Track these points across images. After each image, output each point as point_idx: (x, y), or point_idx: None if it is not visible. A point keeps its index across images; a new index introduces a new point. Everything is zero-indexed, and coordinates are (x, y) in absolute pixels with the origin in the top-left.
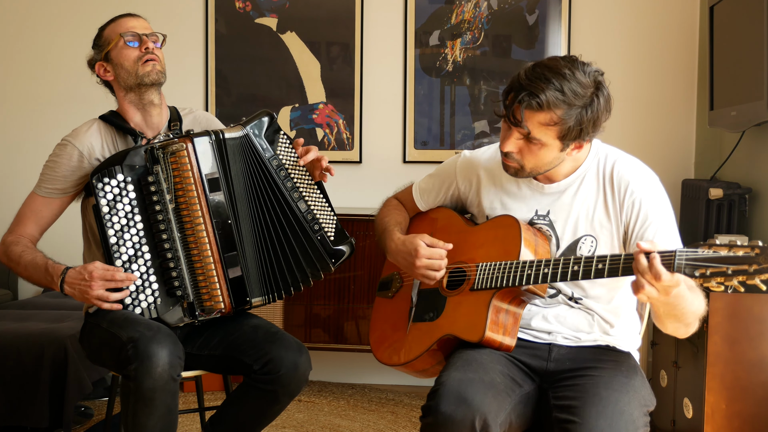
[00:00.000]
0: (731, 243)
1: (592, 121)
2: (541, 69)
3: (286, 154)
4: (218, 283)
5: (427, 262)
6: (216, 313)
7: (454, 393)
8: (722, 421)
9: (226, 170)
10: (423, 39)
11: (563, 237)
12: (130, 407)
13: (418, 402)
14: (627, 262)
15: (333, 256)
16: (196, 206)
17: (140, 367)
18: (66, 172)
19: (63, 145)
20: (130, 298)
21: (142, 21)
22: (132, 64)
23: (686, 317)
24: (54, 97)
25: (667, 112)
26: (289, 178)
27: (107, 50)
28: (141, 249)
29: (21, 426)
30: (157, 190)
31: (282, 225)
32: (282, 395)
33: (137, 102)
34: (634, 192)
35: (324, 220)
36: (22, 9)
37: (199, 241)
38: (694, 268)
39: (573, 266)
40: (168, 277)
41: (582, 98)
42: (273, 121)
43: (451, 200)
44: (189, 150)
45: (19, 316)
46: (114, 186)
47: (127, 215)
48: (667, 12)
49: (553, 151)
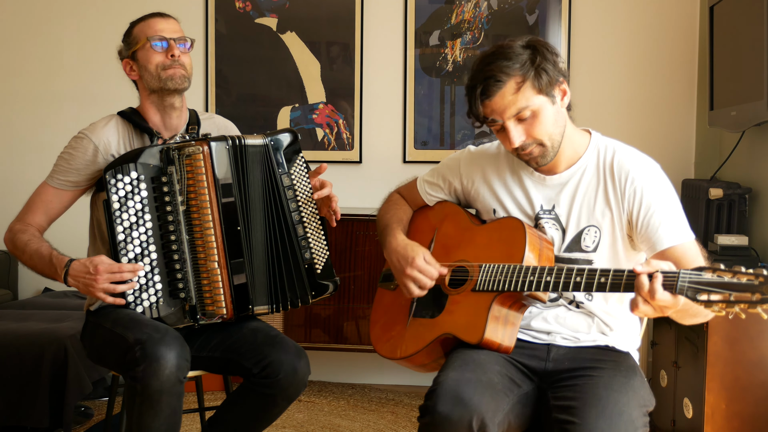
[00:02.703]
0: (735, 269)
1: (551, 61)
2: (479, 63)
3: (299, 176)
4: (222, 288)
5: (416, 275)
6: (217, 318)
7: (451, 393)
8: (722, 421)
9: (240, 177)
10: (423, 39)
11: (568, 229)
12: (136, 408)
13: (418, 402)
14: (630, 279)
15: (314, 288)
16: (207, 210)
17: (148, 368)
18: (80, 165)
19: (80, 138)
20: (132, 296)
21: (172, 23)
22: (156, 68)
23: (696, 317)
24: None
25: (667, 112)
26: (294, 200)
27: (134, 49)
28: (148, 248)
29: (21, 426)
30: (169, 191)
31: (278, 241)
32: (280, 399)
33: (158, 103)
34: (634, 180)
35: (316, 252)
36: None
37: (207, 245)
38: (697, 291)
39: (576, 277)
40: (173, 278)
41: (525, 52)
42: (295, 141)
43: (456, 195)
44: (205, 153)
45: (19, 316)
46: (127, 183)
47: (137, 213)
48: (667, 12)
49: (548, 109)
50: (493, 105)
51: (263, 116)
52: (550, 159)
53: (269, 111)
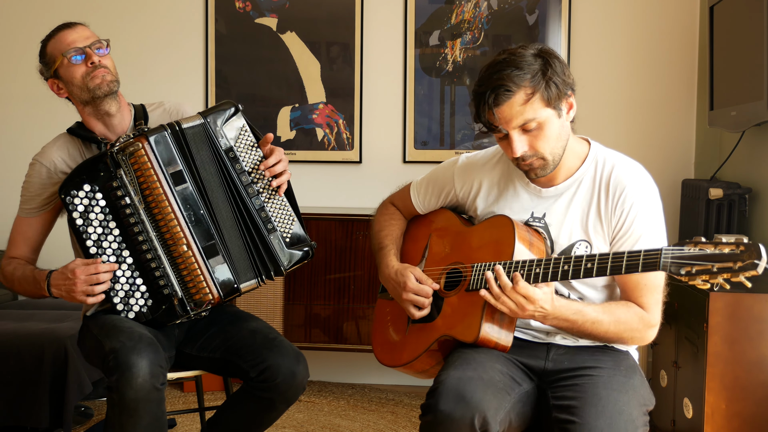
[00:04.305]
0: (716, 240)
1: (561, 73)
2: (488, 69)
3: (246, 148)
4: (202, 275)
5: (413, 297)
6: (207, 305)
7: (453, 391)
8: (722, 421)
9: (189, 161)
10: (423, 39)
11: (557, 241)
12: (116, 418)
13: (418, 402)
14: (615, 261)
15: (285, 257)
16: (164, 202)
17: (121, 378)
18: (38, 190)
19: (32, 165)
20: (122, 305)
21: (81, 30)
22: (82, 80)
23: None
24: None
25: (667, 112)
26: (244, 173)
27: (54, 68)
28: (122, 254)
29: (21, 426)
30: (124, 194)
31: (243, 216)
32: (278, 403)
33: (95, 113)
34: (626, 199)
35: (280, 222)
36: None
37: (174, 236)
38: (680, 266)
39: (563, 266)
40: (152, 277)
41: (536, 62)
42: (236, 113)
43: (449, 203)
44: (146, 148)
45: (19, 316)
46: (83, 198)
47: (101, 223)
48: (667, 12)
49: (554, 123)
50: (501, 113)
51: (263, 116)
52: (549, 172)
53: (269, 111)
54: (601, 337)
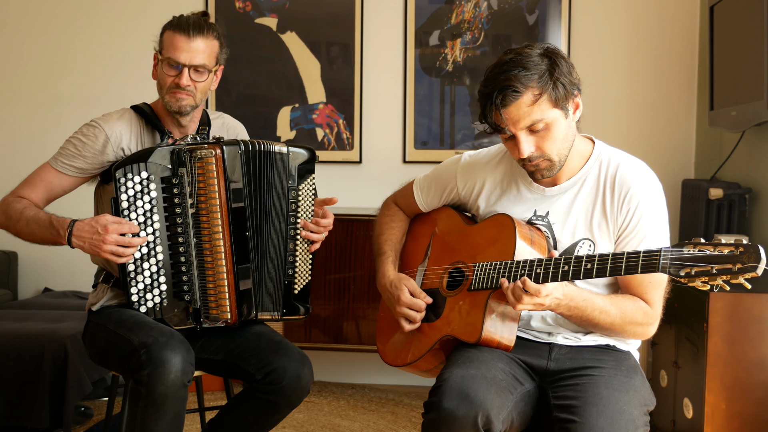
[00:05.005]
0: (716, 241)
1: (567, 72)
2: (494, 69)
3: (306, 195)
4: (227, 293)
5: (405, 311)
6: (221, 323)
7: (457, 389)
8: (722, 421)
9: (251, 182)
10: (423, 39)
11: (561, 239)
12: (140, 412)
13: (418, 402)
14: (615, 262)
15: (286, 306)
16: (216, 214)
17: (153, 372)
18: (88, 153)
19: (92, 126)
20: (137, 296)
21: (195, 44)
22: (163, 87)
23: (597, 328)
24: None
25: (667, 112)
26: (294, 215)
27: (156, 54)
28: (155, 249)
29: (21, 426)
30: (179, 193)
31: (277, 252)
32: (283, 405)
33: (168, 111)
34: (632, 198)
35: (299, 273)
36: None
37: (215, 248)
38: (679, 267)
39: (564, 266)
40: (178, 280)
41: (543, 62)
42: (312, 160)
43: (452, 201)
44: (217, 157)
45: (19, 316)
46: (137, 182)
47: (145, 213)
48: (667, 12)
49: (560, 123)
50: (508, 114)
51: (263, 116)
52: (555, 172)
53: (269, 111)
54: (606, 328)
